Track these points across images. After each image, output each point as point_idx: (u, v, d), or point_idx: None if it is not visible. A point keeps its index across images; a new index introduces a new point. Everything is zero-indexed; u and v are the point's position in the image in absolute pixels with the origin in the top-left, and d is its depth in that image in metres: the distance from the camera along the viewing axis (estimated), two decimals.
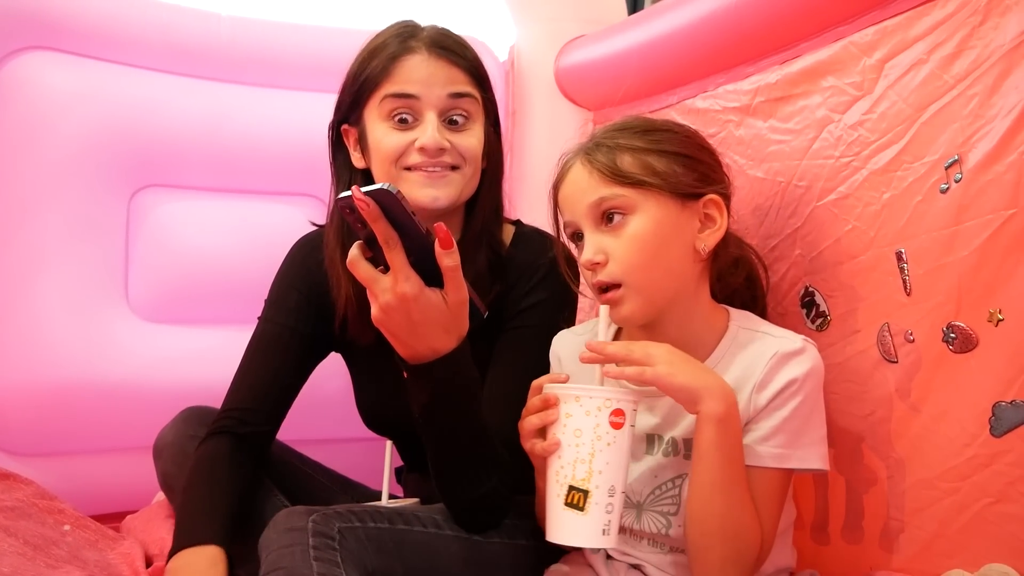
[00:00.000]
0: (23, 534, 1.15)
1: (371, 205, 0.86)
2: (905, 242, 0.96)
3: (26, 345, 1.49)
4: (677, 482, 0.98)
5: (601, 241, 0.95)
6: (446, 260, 0.89)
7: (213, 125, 1.66)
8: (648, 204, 0.94)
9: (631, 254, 0.94)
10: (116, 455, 1.56)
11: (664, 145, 0.97)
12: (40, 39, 1.57)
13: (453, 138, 1.11)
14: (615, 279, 0.94)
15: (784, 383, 0.92)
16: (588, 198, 0.96)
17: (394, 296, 0.89)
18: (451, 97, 1.11)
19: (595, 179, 0.96)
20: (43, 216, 1.53)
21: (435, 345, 0.93)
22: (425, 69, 1.10)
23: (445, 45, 1.12)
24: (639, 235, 0.94)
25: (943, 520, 0.92)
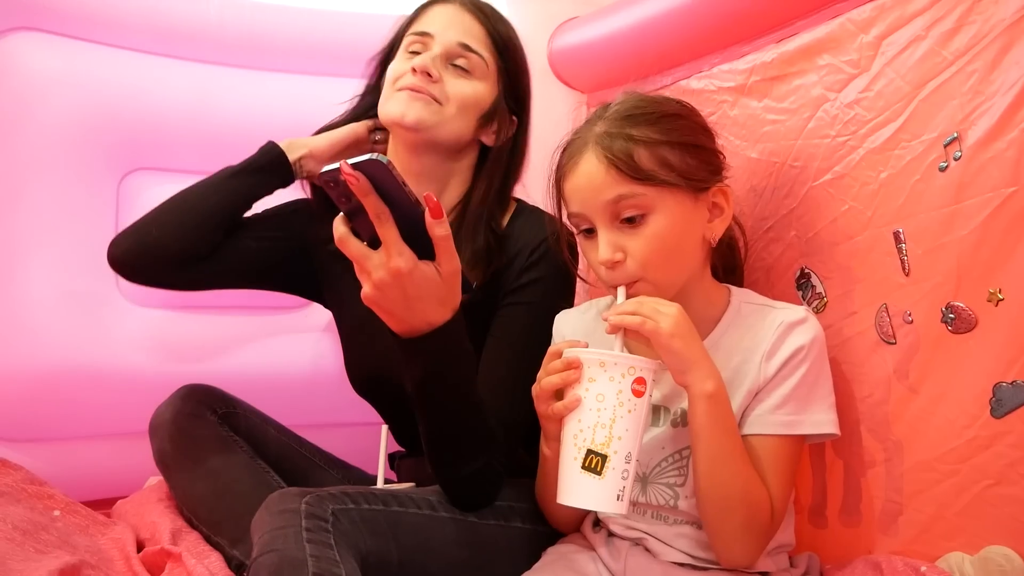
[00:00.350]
0: (12, 519, 1.14)
1: (361, 179, 0.84)
2: (903, 222, 0.95)
3: (15, 330, 1.47)
4: (684, 453, 0.98)
5: (618, 239, 0.93)
6: (437, 230, 0.88)
7: (202, 107, 1.64)
8: (666, 202, 0.93)
9: (651, 253, 0.93)
10: (107, 440, 1.55)
11: (676, 135, 0.95)
12: (27, 20, 1.55)
13: (447, 76, 1.16)
14: (634, 276, 0.93)
15: (792, 351, 0.93)
16: (604, 195, 0.93)
17: (388, 272, 0.88)
18: (460, 45, 1.17)
19: (612, 175, 0.92)
20: (31, 200, 1.51)
21: (430, 318, 0.93)
22: (449, 14, 1.19)
23: (480, 6, 1.20)
24: (659, 234, 0.92)
25: (942, 502, 0.91)
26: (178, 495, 1.29)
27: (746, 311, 0.99)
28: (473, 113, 1.18)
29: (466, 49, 1.17)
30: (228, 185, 1.27)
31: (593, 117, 0.99)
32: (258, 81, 1.71)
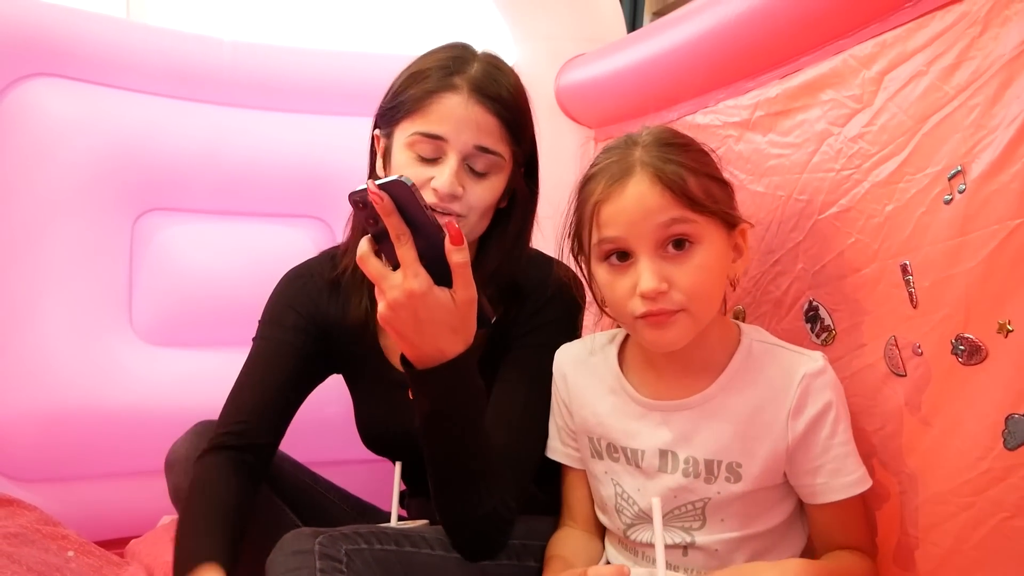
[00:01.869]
0: (26, 561, 1.15)
1: (385, 199, 0.86)
2: (910, 254, 0.95)
3: (30, 370, 1.49)
4: (698, 504, 0.97)
5: (663, 268, 0.90)
6: (455, 256, 0.89)
7: (216, 148, 1.67)
8: (711, 233, 0.91)
9: (697, 284, 0.90)
10: (120, 480, 1.56)
11: (710, 168, 0.94)
12: (44, 66, 1.59)
13: (469, 185, 1.06)
14: (678, 306, 0.90)
15: (820, 408, 0.94)
16: (656, 218, 0.89)
17: (402, 292, 0.89)
18: (478, 148, 1.06)
19: (667, 199, 0.89)
20: (47, 241, 1.53)
21: (442, 346, 0.93)
22: (460, 112, 1.05)
23: (488, 91, 1.06)
24: (705, 265, 0.90)
25: (958, 535, 0.90)
26: None
27: (758, 350, 0.98)
28: (492, 207, 1.11)
29: (484, 151, 1.06)
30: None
31: (623, 144, 0.96)
32: (271, 122, 1.74)
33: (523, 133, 1.12)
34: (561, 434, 1.09)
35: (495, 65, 1.10)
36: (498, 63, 1.11)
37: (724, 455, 0.95)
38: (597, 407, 1.03)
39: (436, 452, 0.99)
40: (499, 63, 1.11)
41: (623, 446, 1.01)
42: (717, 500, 0.96)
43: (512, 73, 1.11)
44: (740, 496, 0.96)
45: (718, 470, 0.96)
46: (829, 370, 0.95)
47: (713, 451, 0.96)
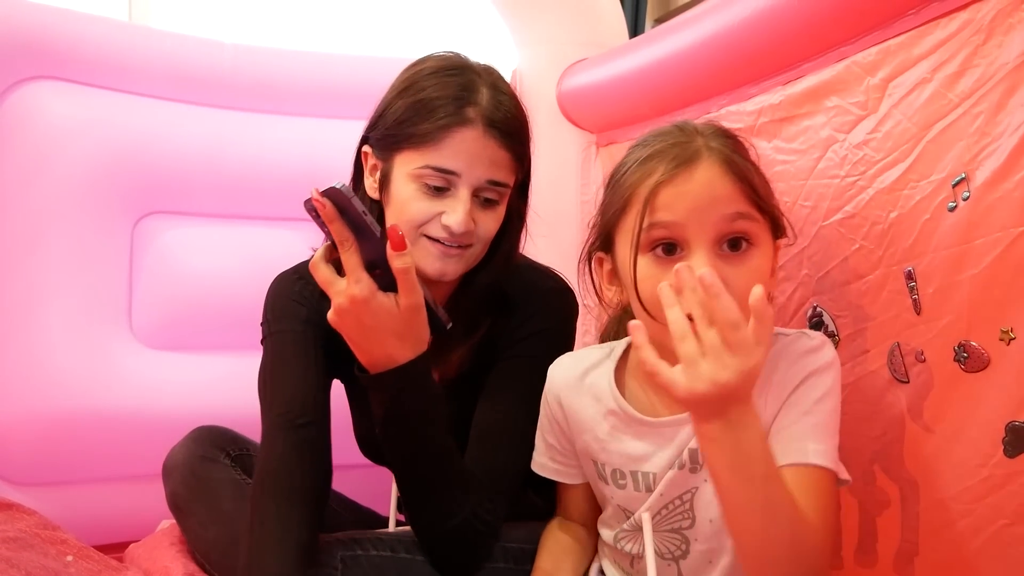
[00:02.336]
0: (26, 565, 1.14)
1: (327, 206, 0.87)
2: (914, 261, 0.95)
3: (30, 373, 1.48)
4: (686, 497, 0.93)
5: (719, 266, 0.81)
6: (397, 262, 0.90)
7: (217, 152, 1.67)
8: (767, 238, 0.86)
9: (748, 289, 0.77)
10: (120, 484, 1.55)
11: (761, 171, 0.89)
12: (44, 69, 1.59)
13: (479, 217, 1.04)
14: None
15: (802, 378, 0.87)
16: (724, 208, 0.83)
17: (346, 298, 0.90)
18: (489, 183, 1.03)
19: (738, 190, 0.84)
20: (48, 244, 1.53)
21: (389, 351, 0.93)
22: (475, 148, 1.01)
23: (500, 124, 1.03)
24: (760, 270, 0.84)
25: (958, 542, 0.90)
26: (191, 539, 1.28)
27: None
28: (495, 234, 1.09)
29: (494, 185, 1.04)
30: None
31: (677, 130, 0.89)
32: (272, 125, 1.74)
33: (526, 156, 1.10)
34: (552, 451, 1.05)
35: (499, 88, 1.06)
36: (500, 84, 1.07)
37: None
38: (597, 431, 0.98)
39: (395, 458, 0.99)
40: (501, 84, 1.08)
41: (631, 470, 0.96)
42: (705, 490, 0.91)
43: (512, 93, 1.08)
44: None
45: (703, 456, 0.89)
46: (826, 347, 0.89)
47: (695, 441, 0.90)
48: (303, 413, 1.06)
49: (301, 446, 1.04)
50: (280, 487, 1.00)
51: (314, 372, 1.10)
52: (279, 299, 1.18)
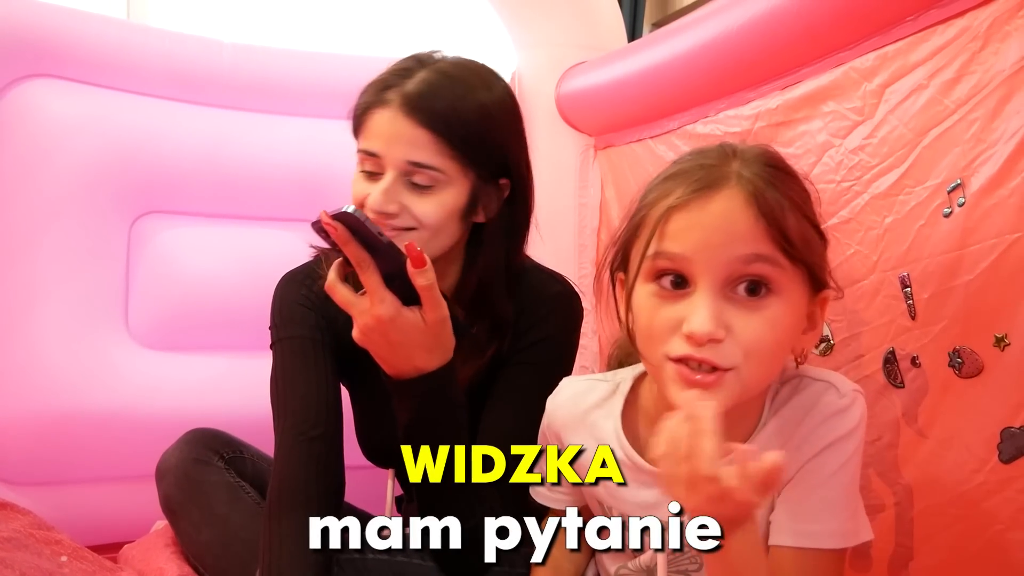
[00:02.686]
0: (20, 566, 1.14)
1: (339, 229, 0.87)
2: (909, 266, 0.96)
3: (25, 373, 1.48)
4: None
5: (725, 311, 0.72)
6: (419, 279, 0.89)
7: (215, 151, 1.67)
8: (795, 288, 0.74)
9: (761, 341, 0.72)
10: (114, 484, 1.55)
11: (811, 212, 0.77)
12: (43, 67, 1.58)
13: (410, 201, 1.02)
14: (730, 364, 0.72)
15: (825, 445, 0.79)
16: (740, 248, 0.72)
17: (371, 318, 0.90)
18: (410, 164, 1.01)
19: (760, 228, 0.72)
20: (44, 242, 1.53)
21: (417, 364, 0.94)
22: (390, 128, 1.01)
23: (420, 105, 1.00)
24: (777, 322, 0.73)
25: (953, 547, 0.91)
26: (184, 542, 1.28)
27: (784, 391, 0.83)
28: (452, 221, 1.05)
29: (417, 166, 1.01)
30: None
31: (717, 150, 0.79)
32: (270, 125, 1.74)
33: (479, 148, 1.03)
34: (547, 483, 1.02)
35: (448, 75, 1.03)
36: (454, 72, 1.04)
37: None
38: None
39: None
40: (455, 73, 1.04)
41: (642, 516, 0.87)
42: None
43: (472, 85, 1.04)
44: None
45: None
46: (856, 407, 0.81)
47: None
48: (316, 423, 1.06)
49: (316, 458, 1.04)
50: (297, 500, 1.01)
51: (325, 379, 1.11)
52: (286, 303, 1.18)
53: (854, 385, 0.82)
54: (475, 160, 1.04)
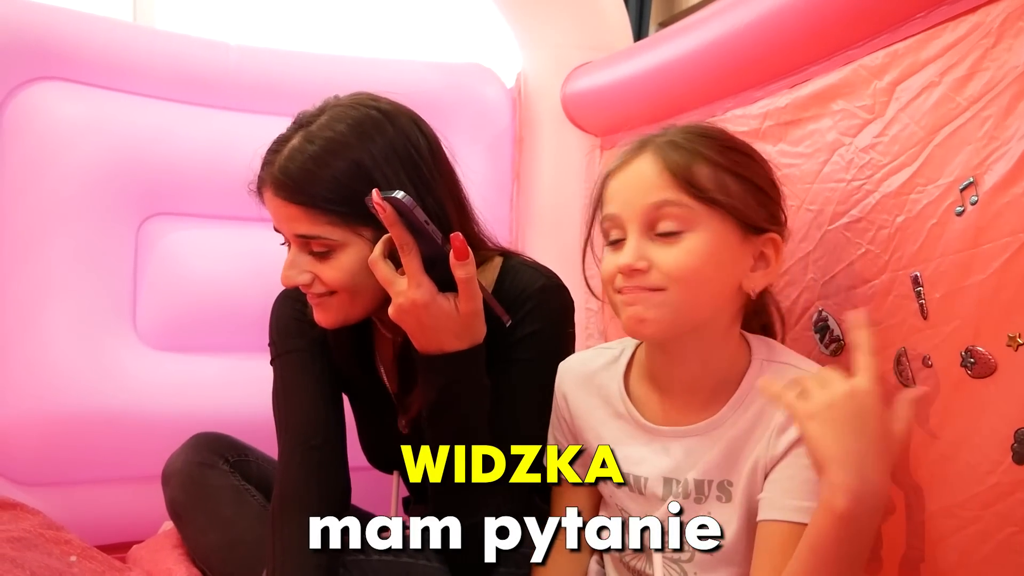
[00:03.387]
0: (30, 565, 1.14)
1: (387, 209, 0.90)
2: (920, 265, 0.95)
3: (34, 374, 1.48)
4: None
5: (647, 248, 0.87)
6: (459, 271, 0.92)
7: (221, 153, 1.67)
8: (712, 223, 0.87)
9: (681, 267, 0.86)
10: (123, 484, 1.55)
11: (743, 169, 0.90)
12: (49, 70, 1.59)
13: (316, 268, 1.03)
14: (658, 285, 0.86)
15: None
16: (649, 197, 0.87)
17: (407, 300, 0.93)
18: (299, 237, 1.02)
19: (664, 179, 0.87)
20: (52, 245, 1.53)
21: (444, 347, 0.96)
22: (271, 206, 1.04)
23: (283, 182, 1.00)
24: (696, 251, 0.86)
25: (965, 550, 0.90)
26: (190, 545, 1.28)
27: (767, 371, 0.93)
28: (366, 279, 1.01)
29: (306, 239, 1.01)
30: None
31: (660, 130, 0.93)
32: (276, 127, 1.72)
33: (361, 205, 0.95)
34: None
35: (315, 140, 1.01)
36: (326, 134, 1.01)
37: (715, 474, 0.92)
38: (601, 431, 1.00)
39: (437, 444, 0.99)
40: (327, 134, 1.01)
41: (626, 472, 0.98)
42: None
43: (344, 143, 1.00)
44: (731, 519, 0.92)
45: (708, 489, 0.93)
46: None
47: (704, 471, 0.93)
48: (316, 434, 1.08)
49: (317, 468, 1.06)
50: (299, 506, 1.03)
51: (325, 391, 1.13)
52: (282, 319, 1.19)
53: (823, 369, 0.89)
54: (361, 217, 0.98)
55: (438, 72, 1.89)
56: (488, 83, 1.93)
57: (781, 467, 0.88)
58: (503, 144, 1.91)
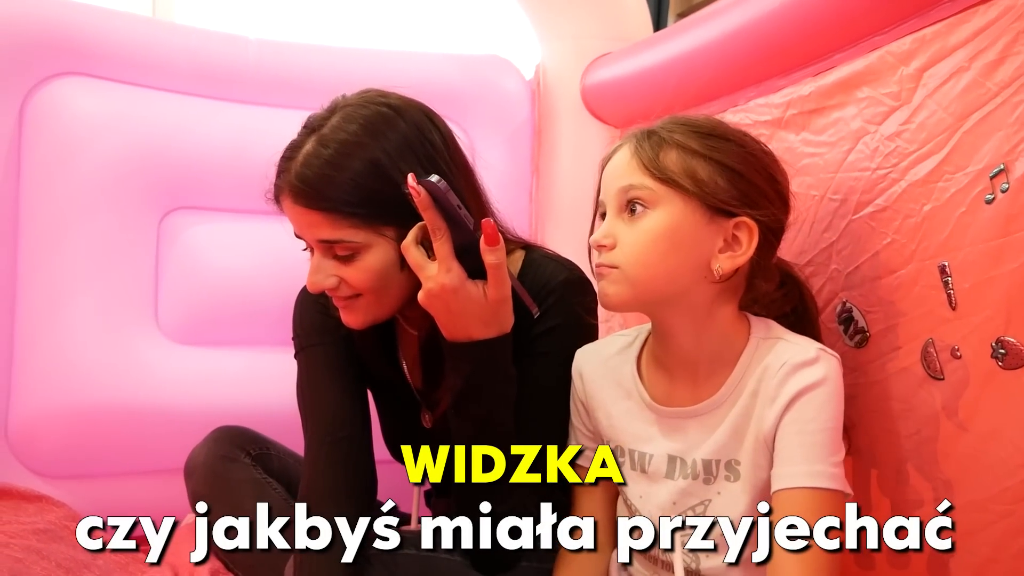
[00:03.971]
0: (55, 557, 1.15)
1: (422, 194, 0.90)
2: (949, 255, 0.93)
3: (57, 368, 1.50)
4: (697, 509, 0.95)
5: (615, 226, 0.94)
6: (489, 257, 0.92)
7: (242, 147, 1.67)
8: (673, 204, 0.91)
9: (636, 245, 0.92)
10: (146, 477, 1.56)
11: (717, 154, 0.92)
12: (70, 65, 1.60)
13: (341, 272, 1.02)
14: (614, 263, 0.93)
15: (793, 394, 0.89)
16: (620, 182, 0.94)
17: (436, 285, 0.93)
18: (322, 242, 1.01)
19: (633, 165, 0.93)
20: (74, 239, 1.54)
21: (472, 334, 0.96)
22: (291, 214, 1.03)
23: (301, 190, 1.00)
24: (651, 230, 0.91)
25: (996, 544, 0.88)
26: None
27: (762, 348, 0.94)
28: (392, 278, 1.03)
29: (329, 243, 1.01)
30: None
31: (650, 122, 0.99)
32: (296, 120, 1.72)
33: (382, 204, 0.99)
34: (576, 434, 1.07)
35: (328, 143, 1.00)
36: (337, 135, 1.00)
37: (722, 453, 0.94)
38: (611, 409, 1.02)
39: (462, 433, 0.99)
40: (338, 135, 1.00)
41: (630, 449, 1.00)
42: (719, 503, 0.94)
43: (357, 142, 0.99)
44: (742, 500, 0.93)
45: (716, 469, 0.94)
46: (821, 362, 0.90)
47: (711, 451, 0.94)
48: (343, 426, 1.09)
49: (344, 459, 1.07)
50: (326, 500, 1.03)
51: (350, 384, 1.13)
52: (306, 314, 1.19)
53: (820, 346, 0.93)
54: (383, 216, 1.00)
55: (457, 64, 1.88)
56: (507, 75, 1.92)
57: (779, 437, 0.90)
58: (522, 136, 1.90)
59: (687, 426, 0.96)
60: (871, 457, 1.03)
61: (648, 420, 1.00)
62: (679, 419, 0.97)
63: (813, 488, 0.87)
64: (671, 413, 0.98)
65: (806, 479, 0.87)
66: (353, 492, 1.05)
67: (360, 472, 1.07)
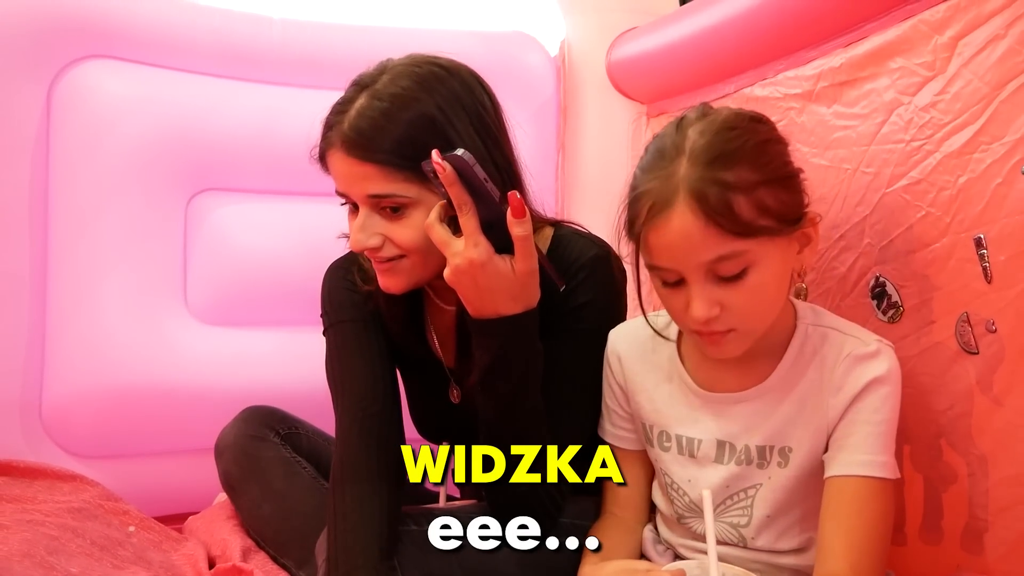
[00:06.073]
0: (90, 535, 1.17)
1: (447, 169, 0.90)
2: (984, 227, 0.92)
3: (89, 349, 1.51)
4: (750, 492, 0.95)
5: (715, 294, 0.86)
6: (516, 229, 0.91)
7: (268, 128, 1.67)
8: (768, 253, 0.85)
9: (751, 306, 0.87)
10: (178, 457, 1.58)
11: (770, 170, 0.86)
12: (99, 48, 1.60)
13: (388, 230, 1.01)
14: (729, 327, 0.88)
15: (859, 388, 0.89)
16: (703, 256, 0.84)
17: (463, 260, 0.92)
18: (372, 197, 1.00)
19: (711, 233, 0.83)
20: (104, 221, 1.55)
21: (500, 309, 0.95)
22: (341, 168, 1.01)
23: (356, 142, 0.98)
24: (761, 286, 0.86)
25: None
26: (244, 516, 1.30)
27: (813, 336, 0.94)
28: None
29: (379, 198, 1.00)
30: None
31: (670, 150, 0.87)
32: (322, 100, 1.71)
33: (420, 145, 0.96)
34: (612, 416, 1.07)
35: (381, 97, 0.99)
36: (390, 90, 1.00)
37: (777, 440, 0.93)
38: (653, 394, 1.01)
39: (488, 411, 0.99)
40: (391, 90, 1.00)
41: (677, 434, 0.99)
42: (768, 487, 0.94)
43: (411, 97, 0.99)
44: (789, 484, 0.93)
45: (770, 455, 0.94)
46: (884, 353, 0.90)
47: (766, 438, 0.94)
48: (374, 400, 1.08)
49: (375, 433, 1.06)
50: (359, 474, 1.02)
51: (380, 359, 1.12)
52: (335, 291, 1.19)
53: (876, 336, 0.92)
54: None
55: (481, 41, 1.87)
56: (532, 51, 1.91)
57: (843, 425, 0.90)
58: (547, 113, 1.89)
59: (734, 411, 0.95)
60: (904, 433, 1.02)
61: (693, 405, 0.99)
62: (726, 404, 0.96)
63: (872, 477, 0.87)
64: (718, 399, 0.97)
65: (867, 468, 0.87)
66: (384, 466, 1.04)
67: (391, 448, 1.06)
